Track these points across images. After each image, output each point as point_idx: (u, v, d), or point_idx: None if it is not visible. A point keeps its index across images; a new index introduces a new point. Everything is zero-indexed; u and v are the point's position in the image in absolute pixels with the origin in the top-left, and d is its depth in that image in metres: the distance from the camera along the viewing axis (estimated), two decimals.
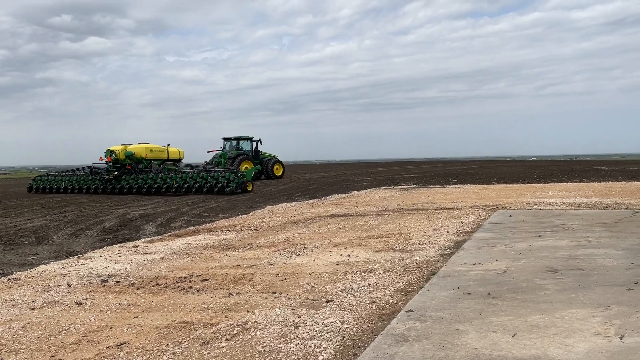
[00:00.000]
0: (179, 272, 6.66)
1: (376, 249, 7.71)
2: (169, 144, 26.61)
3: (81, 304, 5.44)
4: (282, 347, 4.03)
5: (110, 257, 8.02)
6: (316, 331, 4.33)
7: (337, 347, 4.01)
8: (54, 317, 5.02)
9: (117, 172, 24.26)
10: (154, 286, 6.04)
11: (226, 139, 31.95)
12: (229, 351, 4.03)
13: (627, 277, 5.43)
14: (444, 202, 14.40)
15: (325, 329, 4.37)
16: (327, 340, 4.14)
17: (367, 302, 5.05)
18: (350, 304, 5.02)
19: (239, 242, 8.95)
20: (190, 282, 6.13)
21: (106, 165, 25.32)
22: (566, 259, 6.36)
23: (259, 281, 6.02)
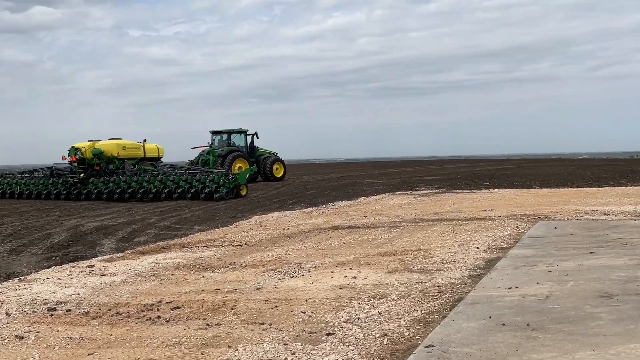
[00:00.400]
0: (145, 298, 6.66)
1: (389, 269, 7.72)
2: (145, 140, 26.93)
3: (23, 337, 5.43)
4: None
5: (59, 279, 8.01)
6: None
7: None
8: None
9: (83, 174, 24.46)
10: (113, 316, 6.04)
11: (215, 133, 32.21)
12: None
13: None
14: (473, 210, 14.45)
15: None
16: None
17: (378, 336, 5.07)
18: (356, 338, 5.03)
19: (218, 260, 8.95)
20: (158, 310, 6.15)
21: (70, 165, 25.52)
22: (624, 282, 6.36)
23: (243, 309, 6.02)
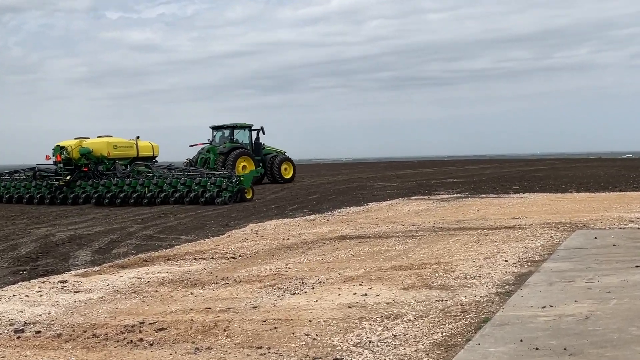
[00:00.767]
0: (125, 319, 6.64)
1: (404, 285, 7.70)
2: (138, 137, 27.30)
3: None
4: None
5: (27, 296, 7.99)
6: None
7: None
8: None
9: (69, 177, 24.77)
10: (89, 338, 6.02)
11: (215, 128, 32.61)
12: None
13: None
14: (500, 218, 14.43)
15: None
16: None
17: None
18: None
19: (209, 275, 8.94)
20: (140, 332, 6.13)
21: (55, 166, 25.84)
22: None
23: (237, 331, 6.02)
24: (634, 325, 5.57)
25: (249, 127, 32.63)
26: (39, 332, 6.30)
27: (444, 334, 5.68)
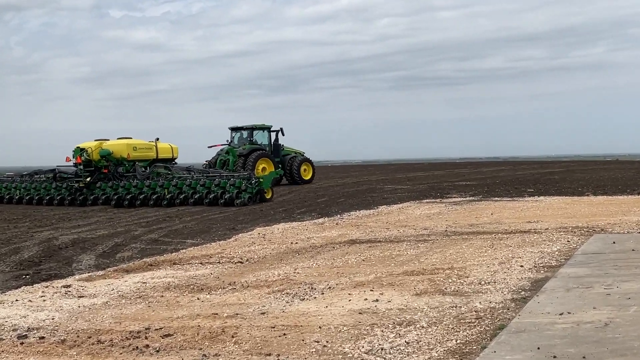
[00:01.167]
0: (130, 324, 6.65)
1: (417, 290, 7.71)
2: (157, 138, 27.80)
3: None
4: None
5: (30, 301, 8.03)
6: None
7: None
8: None
9: (89, 178, 25.26)
10: (94, 344, 6.02)
11: (234, 129, 32.97)
12: None
13: None
14: (515, 222, 14.43)
15: None
16: None
17: None
18: None
19: (216, 280, 8.97)
20: (146, 338, 6.14)
21: (75, 168, 26.42)
22: None
23: (245, 338, 6.01)
24: None
25: (268, 128, 32.91)
26: (43, 337, 6.32)
27: (458, 342, 5.66)
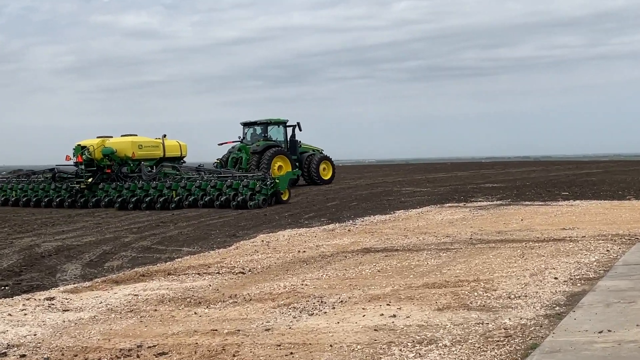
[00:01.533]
0: (120, 342, 6.64)
1: (438, 305, 7.62)
2: (164, 135, 27.48)
3: None
4: None
5: (10, 315, 8.02)
6: None
7: None
8: None
9: (91, 179, 25.02)
10: None
11: (247, 124, 32.48)
12: None
13: None
14: (548, 229, 14.31)
15: None
16: None
17: None
18: None
19: (215, 292, 8.96)
20: (138, 357, 6.16)
21: (75, 167, 26.15)
22: None
23: (248, 357, 6.04)
24: None
25: (283, 123, 32.31)
26: (24, 355, 6.32)
27: None
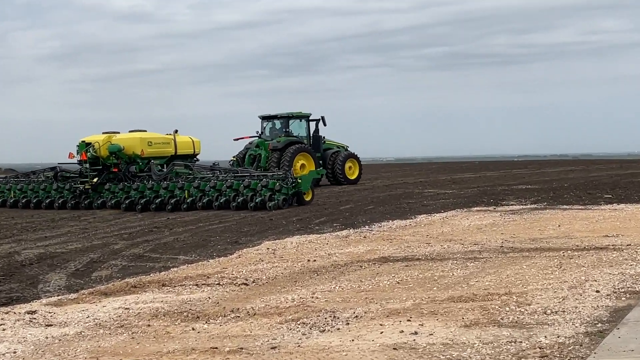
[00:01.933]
0: None
1: (465, 321, 7.47)
2: (176, 131, 27.07)
3: None
4: None
5: None
6: None
7: None
8: None
9: (96, 179, 24.82)
10: None
11: (266, 118, 31.98)
12: None
13: None
14: (588, 236, 14.03)
15: None
16: None
17: None
18: None
19: (215, 306, 8.85)
20: None
21: (79, 166, 25.93)
22: None
23: None
24: None
25: (306, 117, 31.83)
26: None
27: None
